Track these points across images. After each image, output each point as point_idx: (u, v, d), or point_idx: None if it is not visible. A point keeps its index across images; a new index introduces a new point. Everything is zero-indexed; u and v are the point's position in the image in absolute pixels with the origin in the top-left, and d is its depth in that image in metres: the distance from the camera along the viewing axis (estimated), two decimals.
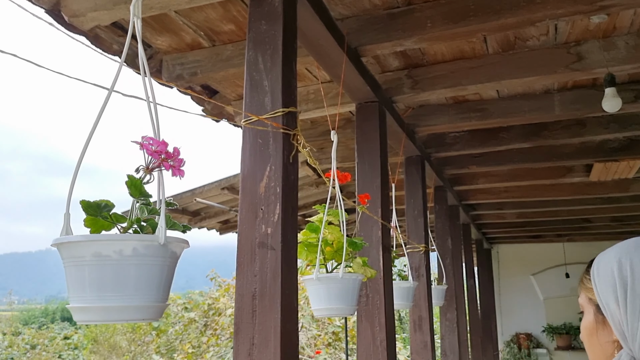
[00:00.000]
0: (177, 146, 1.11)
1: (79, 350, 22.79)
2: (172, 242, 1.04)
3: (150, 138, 1.08)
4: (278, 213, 1.53)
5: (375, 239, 2.60)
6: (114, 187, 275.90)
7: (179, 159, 1.10)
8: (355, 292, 2.06)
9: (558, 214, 6.71)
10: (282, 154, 1.57)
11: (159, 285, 1.01)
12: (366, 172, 2.69)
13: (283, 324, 1.47)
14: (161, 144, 1.08)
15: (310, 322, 13.53)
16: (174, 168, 1.09)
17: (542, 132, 3.77)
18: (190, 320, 14.50)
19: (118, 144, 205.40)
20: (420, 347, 3.54)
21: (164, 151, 1.08)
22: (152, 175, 1.08)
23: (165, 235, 1.03)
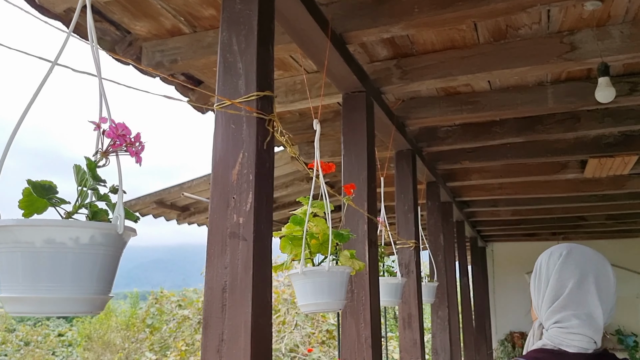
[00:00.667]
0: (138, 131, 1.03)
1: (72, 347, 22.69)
2: (127, 232, 0.96)
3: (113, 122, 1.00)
4: (251, 202, 1.45)
5: (362, 233, 2.51)
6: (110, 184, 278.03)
7: (141, 144, 1.02)
8: (343, 285, 1.98)
9: (553, 211, 6.64)
10: (256, 139, 1.49)
11: (104, 276, 0.93)
12: (352, 164, 2.61)
13: (254, 318, 1.39)
14: (125, 127, 1.00)
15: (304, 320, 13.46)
16: (136, 154, 1.01)
17: (536, 127, 3.70)
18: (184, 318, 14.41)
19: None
20: (409, 345, 3.47)
21: (128, 136, 1.00)
22: (107, 159, 1.00)
23: (124, 225, 0.96)
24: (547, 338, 1.31)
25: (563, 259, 1.34)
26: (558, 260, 1.34)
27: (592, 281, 1.29)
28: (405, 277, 3.54)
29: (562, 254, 1.35)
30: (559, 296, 1.31)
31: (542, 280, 1.39)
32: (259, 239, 1.45)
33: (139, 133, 0.95)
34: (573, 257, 1.33)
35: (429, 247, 4.61)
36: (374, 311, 2.45)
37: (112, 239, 0.91)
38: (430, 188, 4.71)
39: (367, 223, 2.52)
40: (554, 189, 5.33)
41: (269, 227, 1.52)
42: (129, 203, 4.89)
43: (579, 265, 1.32)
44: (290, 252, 1.97)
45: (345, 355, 2.44)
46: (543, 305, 1.36)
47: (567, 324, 1.27)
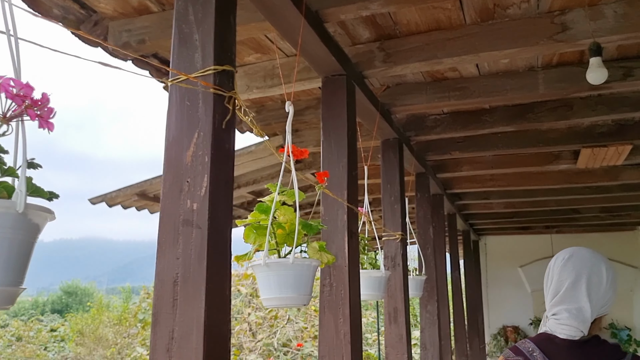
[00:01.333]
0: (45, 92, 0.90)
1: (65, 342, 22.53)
2: (33, 211, 0.82)
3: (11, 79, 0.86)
4: (206, 186, 1.32)
5: (341, 224, 2.38)
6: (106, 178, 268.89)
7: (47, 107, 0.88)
8: (309, 279, 1.85)
9: (546, 204, 6.53)
10: (212, 118, 1.35)
11: (11, 265, 0.80)
12: (332, 150, 2.48)
13: (209, 314, 1.26)
14: (25, 86, 0.86)
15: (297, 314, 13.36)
16: (41, 118, 0.88)
17: (527, 115, 3.57)
18: None
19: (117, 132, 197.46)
20: (395, 340, 3.34)
21: (30, 96, 0.86)
22: (9, 126, 0.86)
23: (25, 202, 0.82)
24: (548, 326, 1.64)
25: (564, 262, 1.64)
26: (560, 263, 1.65)
27: (584, 281, 1.58)
28: (391, 270, 3.42)
29: (564, 257, 1.65)
30: (557, 293, 1.62)
31: (548, 279, 1.69)
32: (215, 227, 1.32)
33: (45, 94, 0.81)
34: (572, 261, 1.63)
35: (418, 240, 4.49)
36: (353, 306, 2.33)
37: (12, 219, 0.77)
38: (420, 179, 4.58)
39: (347, 213, 2.39)
40: (547, 180, 5.21)
41: (228, 214, 1.39)
42: (110, 195, 4.75)
43: (575, 268, 1.61)
44: (254, 242, 1.84)
45: (323, 351, 2.32)
46: (547, 300, 1.67)
47: (560, 317, 1.59)
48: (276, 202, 1.90)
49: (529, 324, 9.26)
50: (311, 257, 1.88)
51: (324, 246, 1.93)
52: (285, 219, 1.89)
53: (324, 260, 1.89)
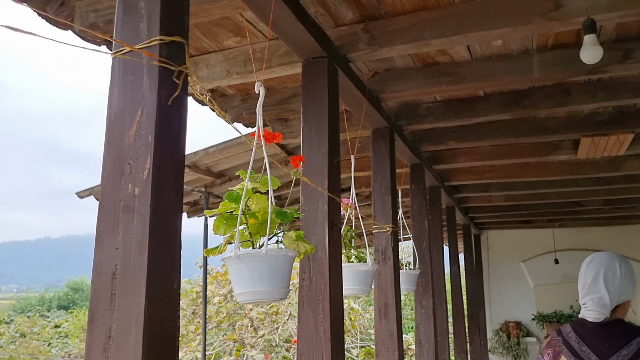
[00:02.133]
0: None
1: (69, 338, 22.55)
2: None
3: None
4: (148, 168, 1.19)
5: (321, 214, 2.26)
6: None
7: None
8: (286, 271, 1.72)
9: (547, 196, 6.37)
10: (157, 94, 1.23)
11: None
12: (312, 137, 2.35)
13: (150, 310, 1.13)
14: None
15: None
16: None
17: (523, 102, 3.43)
18: None
19: None
20: (385, 336, 3.22)
21: None
22: None
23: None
24: (580, 313, 2.10)
25: (587, 264, 2.11)
26: (585, 265, 2.13)
27: (602, 276, 2.03)
28: (382, 264, 3.29)
29: (588, 261, 2.13)
30: (584, 287, 2.08)
31: (579, 278, 2.12)
32: (159, 213, 1.19)
33: None
34: (593, 262, 2.10)
35: (413, 233, 4.36)
36: (334, 301, 2.20)
37: None
38: (415, 171, 4.44)
39: (328, 203, 2.26)
40: (547, 171, 5.06)
41: (177, 200, 1.26)
42: (98, 188, 4.63)
43: (595, 267, 2.07)
44: (224, 233, 1.72)
45: (302, 349, 2.19)
46: (580, 294, 2.10)
47: (587, 305, 2.05)
48: (247, 189, 1.78)
49: (531, 319, 9.11)
50: (287, 247, 1.75)
51: (301, 235, 1.80)
52: (258, 207, 1.77)
53: (301, 250, 1.76)
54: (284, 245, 1.74)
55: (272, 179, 1.85)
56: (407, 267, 3.78)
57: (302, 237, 1.79)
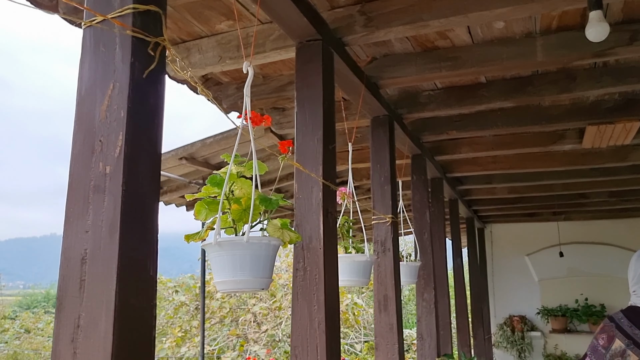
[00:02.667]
0: None
1: None
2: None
3: None
4: (120, 145, 1.10)
5: (316, 202, 2.17)
6: None
7: None
8: (269, 261, 1.64)
9: (552, 188, 6.27)
10: (131, 66, 1.14)
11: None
12: (306, 122, 2.26)
13: (122, 297, 1.05)
14: None
15: None
16: None
17: (526, 88, 3.33)
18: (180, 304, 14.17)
19: None
20: (385, 329, 3.14)
21: None
22: None
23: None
24: (632, 301, 2.35)
25: (637, 257, 2.40)
26: (635, 258, 2.41)
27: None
28: (381, 256, 3.21)
29: (637, 254, 2.41)
30: (634, 277, 2.36)
31: (630, 269, 2.40)
32: (132, 194, 1.11)
33: None
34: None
35: (414, 225, 4.28)
36: (329, 292, 2.12)
37: None
38: (416, 161, 4.35)
39: (323, 190, 2.17)
40: (552, 162, 4.96)
41: (152, 180, 1.18)
42: None
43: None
44: (206, 218, 1.64)
45: (295, 342, 2.11)
46: (629, 283, 2.39)
47: (637, 292, 2.33)
48: (232, 174, 1.70)
49: (536, 314, 9.01)
50: (271, 236, 1.67)
51: (287, 224, 1.72)
52: (242, 192, 1.69)
53: (285, 239, 1.68)
54: (267, 233, 1.67)
55: (258, 163, 1.77)
56: (407, 259, 3.70)
57: (288, 225, 1.71)
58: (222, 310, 13.41)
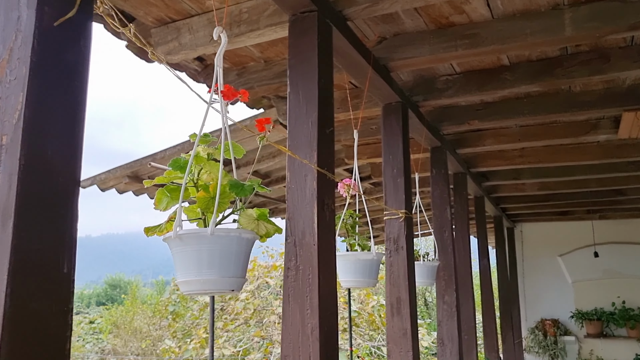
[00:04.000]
0: None
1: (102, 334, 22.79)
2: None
3: None
4: (20, 110, 0.88)
5: (310, 193, 1.92)
6: None
7: None
8: (240, 257, 1.40)
9: (586, 184, 5.87)
10: (38, 11, 0.91)
11: None
12: (299, 103, 2.01)
13: (16, 300, 0.83)
14: None
15: None
16: None
17: (555, 71, 3.02)
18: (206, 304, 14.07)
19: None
20: (398, 335, 2.86)
21: None
22: None
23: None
24: None
25: None
26: None
27: None
28: (394, 255, 2.94)
29: None
30: None
31: None
32: (35, 171, 0.88)
33: None
34: None
35: (433, 222, 3.99)
36: (324, 294, 1.86)
37: None
38: (435, 154, 4.06)
39: (317, 179, 1.92)
40: (585, 155, 4.60)
41: (71, 158, 0.94)
42: (100, 177, 4.41)
43: None
44: (167, 207, 1.41)
45: (286, 350, 1.87)
46: None
47: None
48: (198, 156, 1.47)
49: (569, 317, 8.57)
50: (244, 228, 1.43)
51: (265, 214, 1.48)
52: (210, 177, 1.45)
53: (261, 231, 1.43)
54: (240, 224, 1.42)
55: (234, 145, 1.53)
56: (425, 259, 3.42)
57: (266, 215, 1.46)
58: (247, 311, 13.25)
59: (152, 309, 20.99)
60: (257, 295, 13.28)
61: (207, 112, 1.44)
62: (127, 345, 19.99)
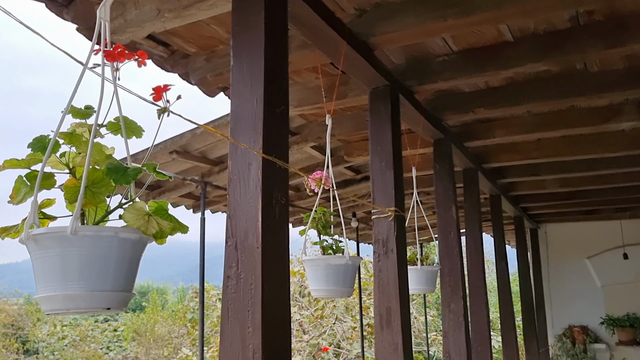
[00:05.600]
0: None
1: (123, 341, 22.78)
2: None
3: None
4: None
5: (253, 185, 1.58)
6: None
7: None
8: (123, 264, 1.07)
9: (612, 179, 5.39)
10: None
11: None
12: (243, 77, 1.68)
13: None
14: None
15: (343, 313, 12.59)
16: None
17: (565, 45, 2.63)
18: None
19: None
20: (388, 351, 2.50)
21: None
22: None
23: None
24: None
25: None
26: None
27: None
28: (383, 258, 2.58)
29: None
30: None
31: None
32: None
33: None
34: None
35: (437, 222, 3.61)
36: (270, 308, 1.52)
37: None
38: (438, 148, 3.68)
39: (263, 168, 1.58)
40: (607, 145, 4.15)
41: None
42: None
43: None
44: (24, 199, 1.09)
45: None
46: None
47: None
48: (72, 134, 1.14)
49: (599, 323, 8.03)
50: (129, 225, 1.10)
51: (164, 208, 1.14)
52: (82, 160, 1.12)
53: (150, 230, 1.10)
54: (125, 221, 1.09)
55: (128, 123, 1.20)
56: (425, 262, 3.06)
57: (166, 210, 1.13)
58: None
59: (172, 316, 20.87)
60: None
61: (82, 76, 1.11)
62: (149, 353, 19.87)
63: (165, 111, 1.17)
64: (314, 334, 12.70)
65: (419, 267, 2.93)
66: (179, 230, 1.15)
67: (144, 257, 1.14)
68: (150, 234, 1.08)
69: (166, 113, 1.17)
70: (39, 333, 20.64)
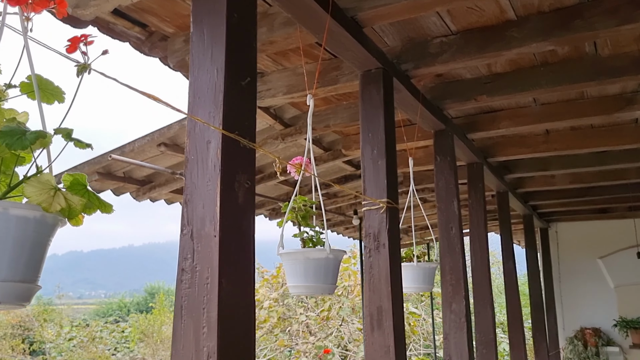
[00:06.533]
0: None
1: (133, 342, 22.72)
2: None
3: None
4: None
5: (212, 165, 1.40)
6: None
7: None
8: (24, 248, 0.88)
9: (625, 174, 5.15)
10: None
11: None
12: (203, 46, 1.49)
13: None
14: None
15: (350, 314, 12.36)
16: None
17: (573, 23, 2.42)
18: None
19: None
20: (379, 354, 2.29)
21: None
22: None
23: None
24: None
25: None
26: None
27: None
28: (374, 253, 2.38)
29: None
30: None
31: None
32: None
33: None
34: None
35: (438, 217, 3.41)
36: (229, 306, 1.33)
37: None
38: (439, 139, 3.48)
39: (223, 147, 1.39)
40: (620, 137, 3.92)
41: None
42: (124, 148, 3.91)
43: None
44: None
45: None
46: None
47: None
48: None
49: (612, 325, 7.75)
50: (31, 201, 0.91)
51: (81, 182, 0.95)
52: None
53: (55, 207, 0.90)
54: (27, 197, 0.90)
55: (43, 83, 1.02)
56: (423, 259, 2.85)
57: (84, 185, 0.94)
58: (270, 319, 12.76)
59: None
60: (281, 303, 12.80)
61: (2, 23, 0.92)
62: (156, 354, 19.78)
63: (85, 68, 0.99)
64: (320, 335, 12.50)
65: (414, 263, 2.73)
66: (99, 209, 0.96)
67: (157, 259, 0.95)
68: (54, 211, 0.89)
69: (87, 70, 0.98)
70: (46, 334, 20.61)
